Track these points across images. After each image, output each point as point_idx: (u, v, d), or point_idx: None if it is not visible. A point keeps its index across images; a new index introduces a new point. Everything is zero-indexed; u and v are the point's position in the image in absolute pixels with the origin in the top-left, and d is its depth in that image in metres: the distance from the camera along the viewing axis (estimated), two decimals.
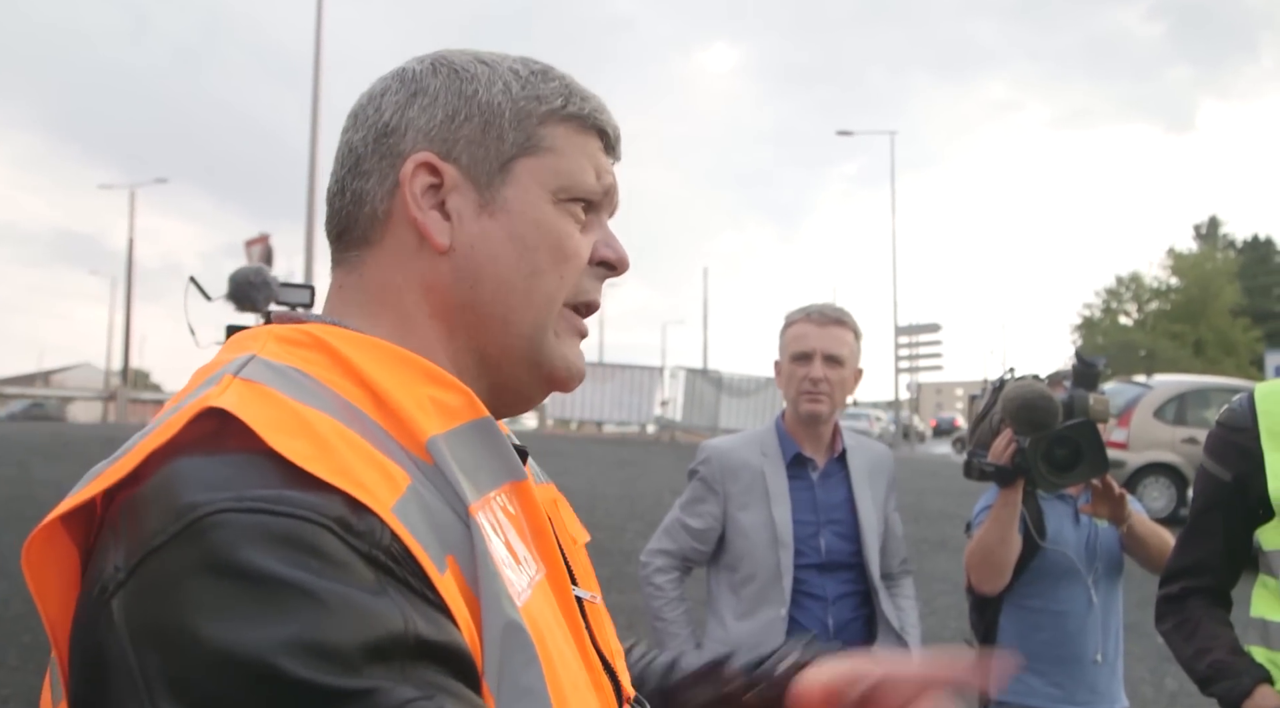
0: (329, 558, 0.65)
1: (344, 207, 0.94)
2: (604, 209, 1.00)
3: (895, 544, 3.05)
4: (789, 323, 3.02)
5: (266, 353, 0.81)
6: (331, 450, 0.70)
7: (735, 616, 2.87)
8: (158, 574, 0.64)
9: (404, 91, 0.94)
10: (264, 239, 19.09)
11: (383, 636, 0.64)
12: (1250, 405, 2.26)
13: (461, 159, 0.92)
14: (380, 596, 0.65)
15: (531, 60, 0.98)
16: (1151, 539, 2.85)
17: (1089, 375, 2.83)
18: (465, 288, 0.92)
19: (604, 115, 0.98)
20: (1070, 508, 2.98)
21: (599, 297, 1.00)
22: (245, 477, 0.67)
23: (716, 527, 2.94)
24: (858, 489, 2.95)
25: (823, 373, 2.89)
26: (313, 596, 0.63)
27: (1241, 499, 2.23)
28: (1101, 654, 2.89)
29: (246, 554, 0.63)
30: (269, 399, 0.74)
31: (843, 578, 2.87)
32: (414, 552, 0.69)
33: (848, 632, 2.83)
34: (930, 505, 13.11)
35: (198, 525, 0.64)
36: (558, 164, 0.94)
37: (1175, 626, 2.35)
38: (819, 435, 2.98)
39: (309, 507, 0.66)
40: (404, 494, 0.72)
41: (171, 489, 0.68)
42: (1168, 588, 2.40)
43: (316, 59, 19.18)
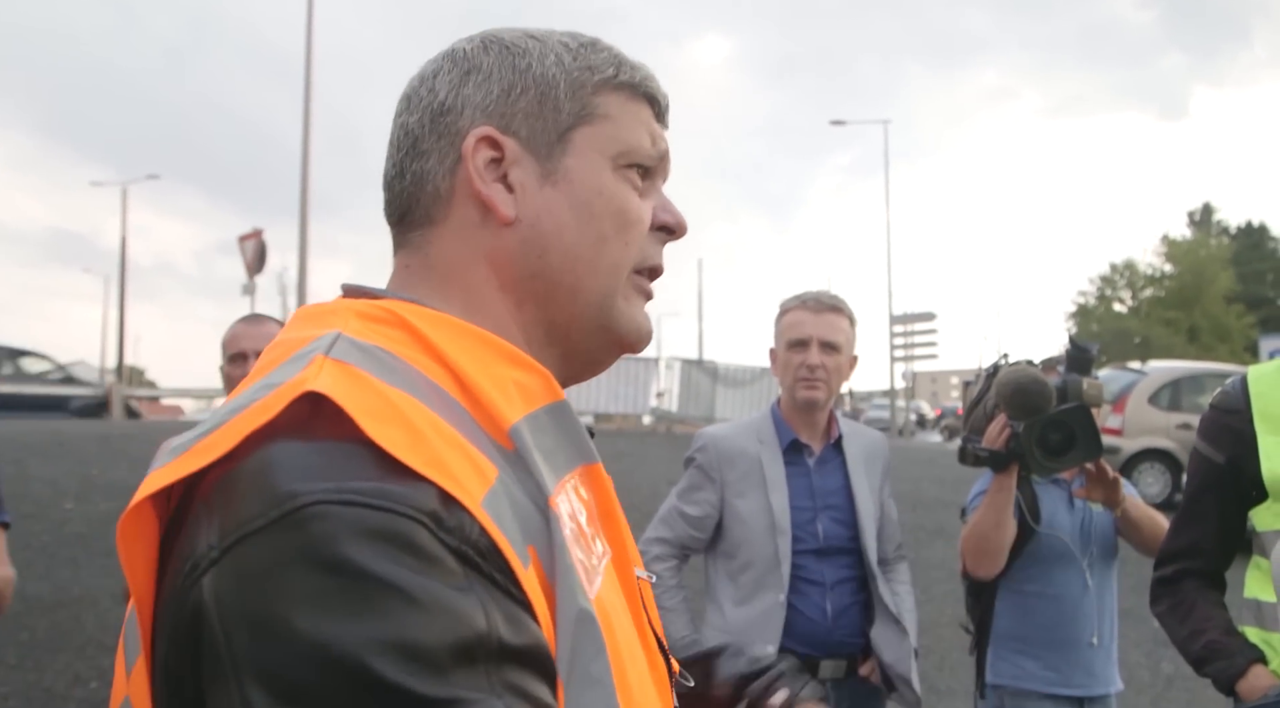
0: (423, 554, 0.65)
1: (404, 189, 0.95)
2: (659, 175, 1.01)
3: (891, 529, 3.06)
4: (784, 310, 3.03)
5: (351, 330, 0.81)
6: (424, 440, 0.70)
7: (734, 603, 2.87)
8: (253, 559, 0.65)
9: (457, 71, 0.94)
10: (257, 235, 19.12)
11: (469, 637, 0.64)
12: (1243, 388, 2.28)
13: (521, 132, 0.93)
14: (467, 594, 0.66)
15: (579, 33, 0.99)
16: (1146, 523, 2.86)
17: (1083, 360, 2.84)
18: (534, 258, 0.92)
19: (654, 83, 1.00)
20: (1065, 493, 2.99)
21: (662, 260, 1.01)
22: (344, 467, 0.68)
23: (714, 514, 2.95)
24: (854, 475, 2.97)
25: (819, 359, 2.90)
26: (408, 595, 0.63)
27: (1235, 481, 2.24)
28: (1097, 638, 2.90)
29: (345, 549, 0.63)
30: (362, 383, 0.74)
31: (840, 563, 2.89)
32: (500, 546, 0.69)
33: (846, 617, 2.85)
34: (926, 493, 13.13)
35: (297, 515, 0.65)
36: (615, 131, 0.95)
37: (1170, 608, 2.36)
38: (815, 422, 2.99)
39: (406, 501, 0.66)
40: (492, 486, 0.72)
41: (270, 474, 0.68)
42: (1162, 570, 2.41)
43: (308, 55, 19.13)
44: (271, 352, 0.84)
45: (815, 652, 2.81)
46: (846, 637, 2.84)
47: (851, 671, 2.85)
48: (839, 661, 2.83)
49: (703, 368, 25.85)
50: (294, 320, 0.90)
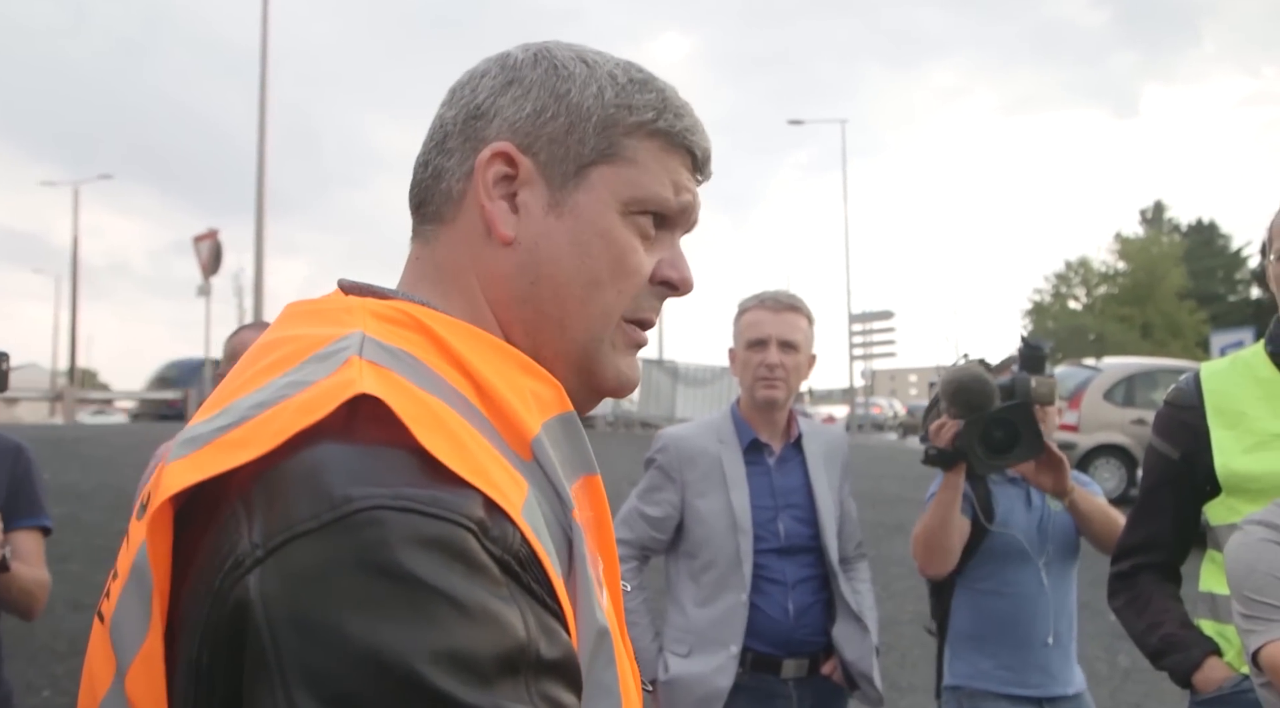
0: (473, 563, 0.66)
1: (424, 179, 0.96)
2: (678, 226, 0.99)
3: (851, 528, 3.07)
4: (743, 310, 3.03)
5: (371, 332, 0.80)
6: (467, 448, 0.71)
7: (696, 603, 2.87)
8: (304, 561, 0.64)
9: (501, 77, 0.94)
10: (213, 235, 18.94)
11: (512, 647, 0.65)
12: (1196, 385, 2.31)
13: (540, 155, 0.92)
14: (510, 604, 0.66)
15: (635, 67, 0.97)
16: (1097, 515, 2.84)
17: (1035, 358, 2.85)
18: (525, 284, 0.91)
19: (695, 136, 0.98)
20: (1023, 491, 2.98)
21: (655, 315, 0.99)
22: (396, 472, 0.68)
23: (675, 515, 2.95)
24: (814, 474, 2.97)
25: (778, 359, 2.90)
26: (458, 603, 0.64)
27: (1190, 476, 2.27)
28: (1054, 637, 2.88)
29: (401, 555, 0.63)
30: (401, 388, 0.73)
31: (802, 562, 2.89)
32: (540, 556, 0.70)
33: (808, 616, 2.85)
34: (887, 490, 13.22)
35: (354, 519, 0.64)
36: (635, 176, 0.93)
37: (1127, 602, 2.38)
38: (775, 421, 3.00)
39: (457, 508, 0.67)
40: (527, 498, 0.73)
41: (321, 475, 0.67)
42: (1119, 565, 2.44)
43: (263, 52, 18.95)
44: (277, 348, 0.81)
45: (777, 651, 2.82)
46: (809, 636, 2.85)
47: (814, 669, 2.85)
48: (801, 659, 2.84)
49: (663, 367, 25.87)
50: (290, 317, 0.89)
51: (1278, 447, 2.13)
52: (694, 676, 2.79)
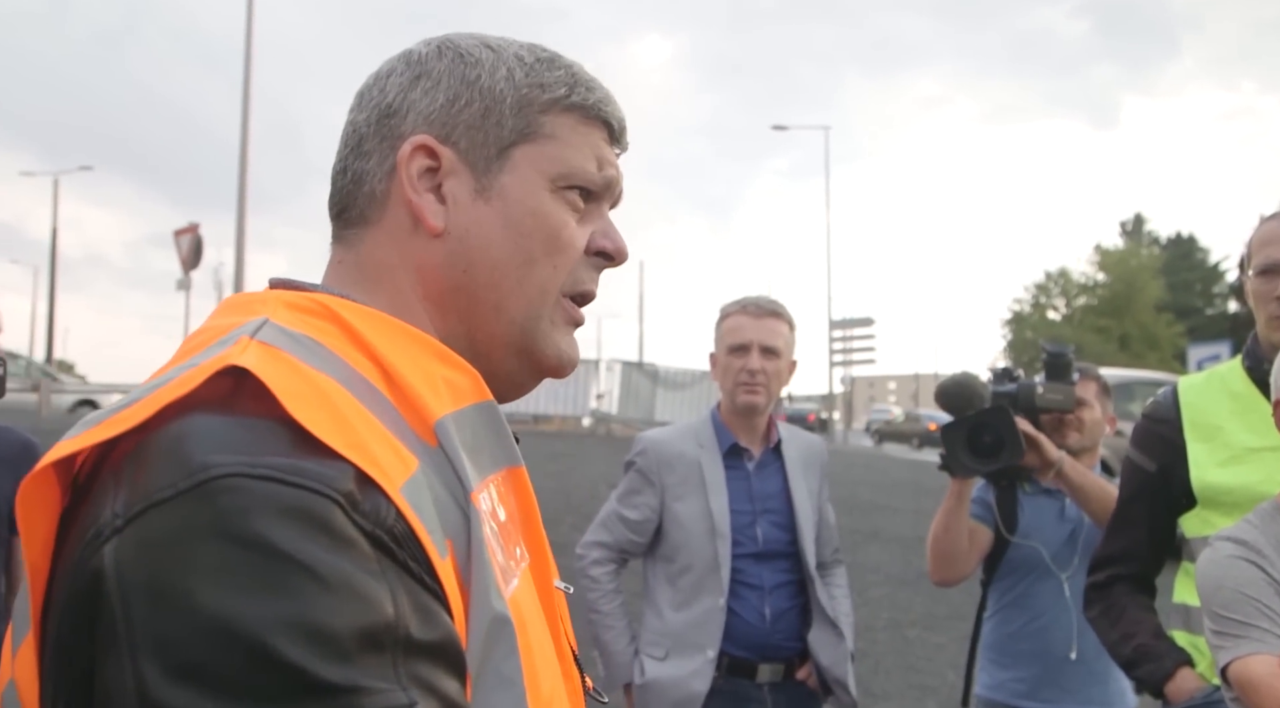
0: (336, 535, 0.64)
1: (345, 185, 0.95)
2: (605, 199, 1.00)
3: (828, 533, 3.07)
4: (725, 315, 3.03)
5: (280, 319, 0.80)
6: (346, 422, 0.70)
7: (672, 606, 2.87)
8: (160, 529, 0.63)
9: (408, 73, 0.94)
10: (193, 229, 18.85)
11: (377, 623, 0.63)
12: (1174, 398, 2.33)
13: (460, 143, 0.92)
14: (378, 579, 0.65)
15: (539, 47, 0.98)
16: (1092, 489, 2.78)
17: (1057, 365, 2.87)
18: (458, 272, 0.91)
19: (609, 107, 0.98)
20: (1058, 504, 2.96)
21: (595, 287, 0.99)
22: (262, 442, 0.67)
23: (653, 518, 2.95)
24: (793, 479, 2.97)
25: (759, 364, 2.90)
26: (317, 575, 0.62)
27: (1166, 489, 2.29)
28: (1077, 653, 2.83)
29: (257, 523, 0.62)
30: (287, 365, 0.73)
31: (779, 567, 2.89)
32: (418, 534, 0.68)
33: (784, 621, 2.85)
34: (862, 497, 13.25)
35: (210, 486, 0.63)
36: (558, 152, 0.94)
37: (1102, 611, 2.40)
38: (754, 426, 3.00)
39: (322, 479, 0.65)
40: (413, 476, 0.72)
41: (185, 445, 0.66)
42: (1095, 576, 2.45)
43: (247, 44, 18.85)
44: (196, 338, 0.82)
45: (753, 656, 2.82)
46: (784, 641, 2.85)
47: (789, 674, 2.85)
48: (777, 664, 2.84)
49: (643, 370, 25.93)
50: (220, 309, 0.89)
51: (1251, 461, 2.15)
52: (670, 679, 2.79)
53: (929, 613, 8.41)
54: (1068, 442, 2.89)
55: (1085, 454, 3.00)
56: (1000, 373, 2.95)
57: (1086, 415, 2.95)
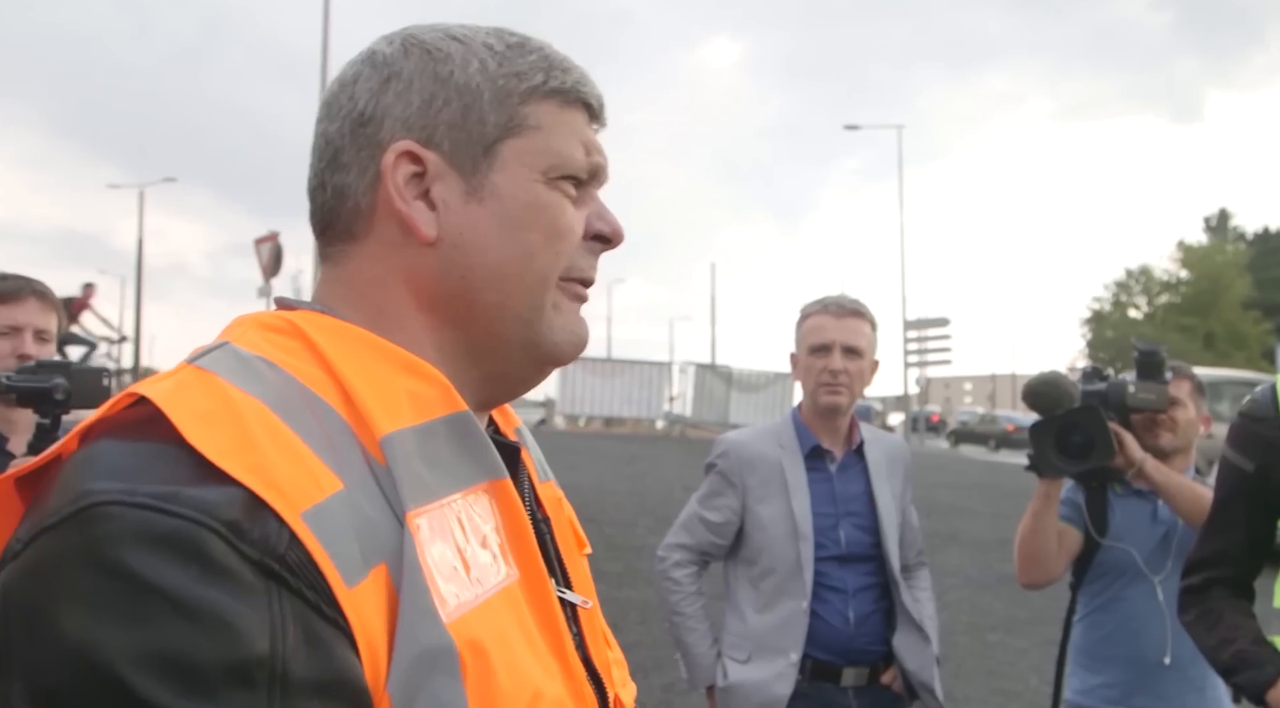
0: (210, 564, 0.62)
1: (325, 202, 0.91)
2: (594, 182, 0.96)
3: (912, 536, 3.04)
4: (805, 315, 3.01)
5: (242, 340, 0.79)
6: (251, 446, 0.68)
7: (755, 609, 2.86)
8: (42, 554, 0.64)
9: (376, 77, 0.89)
10: (273, 237, 19.13)
11: (245, 657, 0.61)
12: (1272, 396, 2.26)
13: (443, 145, 0.88)
14: (256, 610, 0.63)
15: (506, 32, 0.94)
16: (1177, 489, 2.72)
17: (1148, 364, 2.81)
18: (454, 279, 0.88)
19: (587, 87, 0.94)
20: (1151, 506, 2.89)
21: (594, 272, 0.96)
22: (151, 468, 0.66)
23: (735, 520, 2.94)
24: (876, 481, 2.95)
25: (841, 364, 2.88)
26: (181, 605, 0.61)
27: (1263, 489, 2.23)
28: (1171, 658, 2.76)
29: (122, 552, 0.62)
30: (209, 388, 0.72)
31: (862, 570, 2.87)
32: (317, 561, 0.66)
33: (868, 624, 2.83)
34: (940, 499, 13.12)
35: (86, 514, 0.63)
36: (545, 143, 0.90)
37: (1198, 616, 2.34)
38: (837, 427, 2.97)
39: (201, 507, 0.64)
40: (325, 499, 0.68)
41: (79, 471, 0.67)
42: (1190, 579, 2.39)
43: (324, 53, 19.14)
44: None
45: (837, 659, 2.80)
46: (869, 644, 2.82)
47: (874, 678, 2.83)
48: (861, 668, 2.81)
49: (716, 372, 25.88)
50: (221, 331, 0.89)
51: None
52: (753, 682, 2.78)
53: (1010, 617, 8.29)
54: (1160, 442, 2.83)
55: (1178, 456, 2.92)
56: (1090, 372, 2.90)
57: (1180, 415, 2.88)
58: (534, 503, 0.98)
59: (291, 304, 0.90)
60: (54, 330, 2.66)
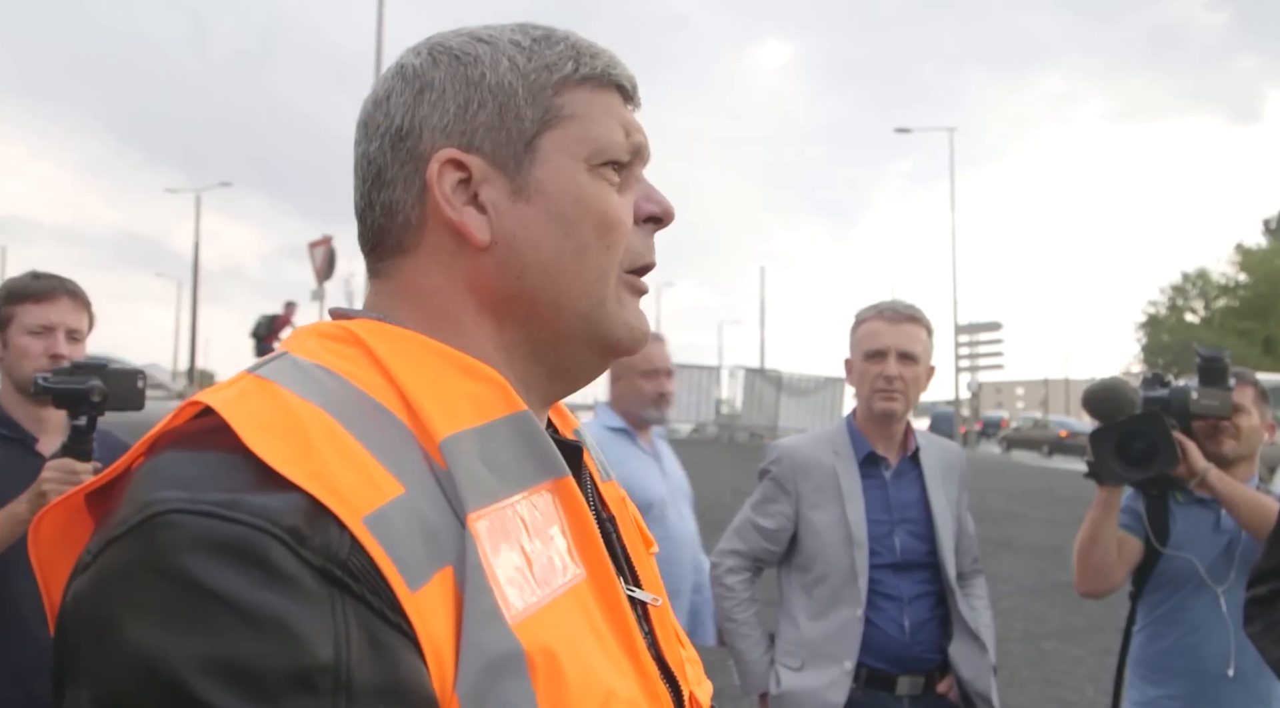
0: (274, 571, 0.63)
1: (374, 221, 0.91)
2: (637, 163, 0.95)
3: (967, 543, 3.01)
4: (860, 320, 2.99)
5: (302, 350, 0.80)
6: (313, 453, 0.68)
7: (809, 616, 2.84)
8: (109, 564, 0.64)
9: (409, 90, 0.89)
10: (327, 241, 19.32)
11: (309, 664, 0.61)
12: None
13: (484, 147, 0.88)
14: (320, 617, 0.63)
15: (531, 25, 0.93)
16: (1240, 499, 2.67)
17: (1211, 370, 2.77)
18: (511, 279, 0.88)
19: (617, 68, 0.94)
20: (1213, 515, 2.84)
21: (653, 255, 0.95)
22: (213, 476, 0.67)
23: (788, 527, 2.92)
24: (931, 488, 2.92)
25: (897, 370, 2.86)
26: (244, 612, 0.61)
27: None
28: (1234, 670, 2.70)
29: (186, 559, 0.62)
30: (270, 397, 0.73)
31: (918, 578, 2.84)
32: (380, 566, 0.66)
33: (923, 632, 2.80)
34: (993, 505, 12.98)
35: (151, 523, 0.64)
36: (584, 131, 0.90)
37: (1265, 628, 2.29)
38: (891, 434, 2.95)
39: (263, 513, 0.64)
40: (387, 503, 0.68)
41: (146, 481, 0.68)
42: (1255, 589, 2.34)
43: (378, 59, 19.31)
44: None
45: (892, 668, 2.77)
46: (924, 653, 2.80)
47: (929, 687, 2.80)
48: (916, 677, 2.78)
49: (766, 377, 25.79)
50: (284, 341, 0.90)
51: None
52: (806, 690, 2.76)
53: (1065, 625, 8.19)
54: (1223, 450, 2.78)
55: (1242, 463, 2.87)
56: (1151, 378, 2.85)
57: (1243, 422, 2.82)
58: (598, 502, 0.98)
59: (348, 314, 0.91)
60: (85, 330, 2.66)
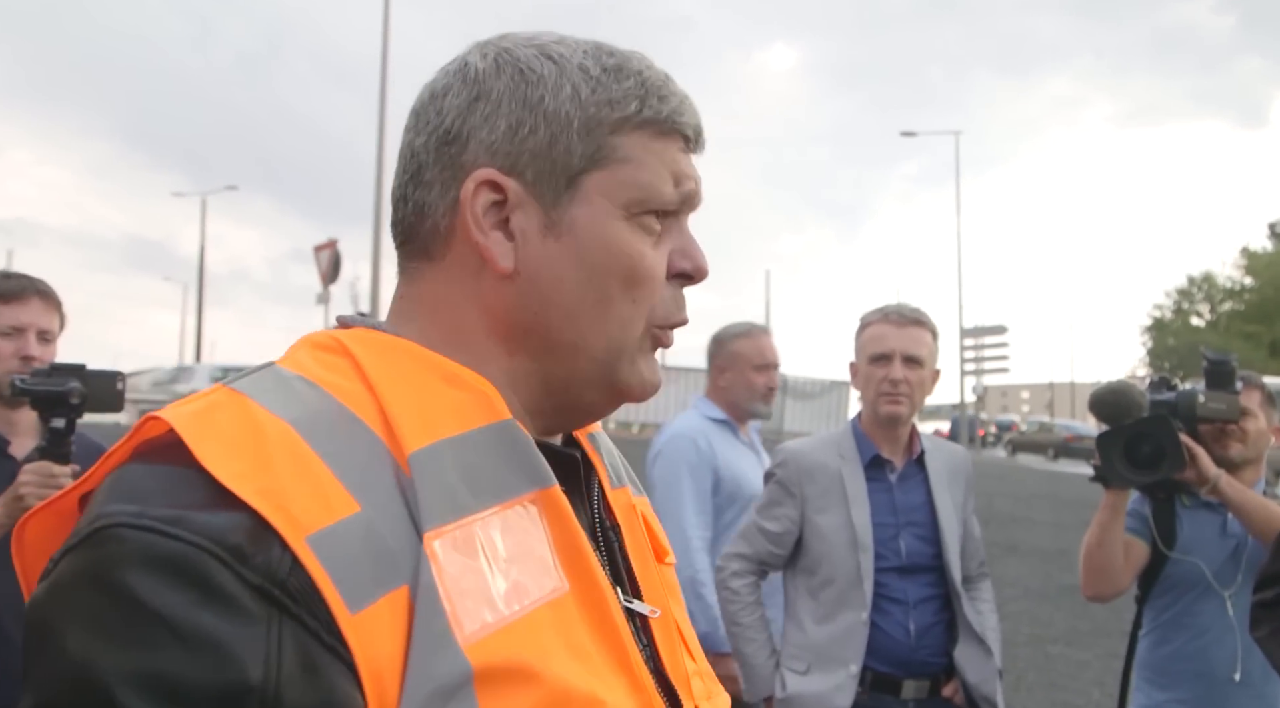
0: (212, 590, 0.63)
1: (406, 216, 0.90)
2: (683, 213, 0.92)
3: (973, 547, 3.01)
4: (865, 324, 2.99)
5: (290, 359, 0.81)
6: (267, 469, 0.68)
7: (814, 620, 2.84)
8: (62, 573, 0.66)
9: (466, 93, 0.87)
10: (332, 244, 19.41)
11: (236, 683, 0.62)
12: None
13: (526, 174, 0.85)
14: (254, 638, 0.63)
15: (605, 51, 0.89)
16: (1252, 506, 2.66)
17: (1218, 374, 2.76)
18: (529, 313, 0.86)
19: (684, 116, 0.90)
20: (1220, 518, 2.83)
21: (684, 313, 0.93)
22: (165, 491, 0.67)
23: (794, 530, 2.92)
24: (936, 491, 2.92)
25: (902, 374, 2.85)
26: (177, 629, 0.61)
27: None
28: (1241, 674, 2.69)
29: (127, 574, 0.63)
30: (237, 411, 0.72)
31: (923, 581, 2.84)
32: (319, 586, 0.65)
33: (929, 636, 2.80)
34: (999, 509, 12.96)
35: (99, 535, 0.65)
36: (632, 176, 0.87)
37: (1271, 632, 2.29)
38: (897, 437, 2.95)
39: (207, 532, 0.64)
40: (336, 522, 0.68)
41: (105, 492, 0.70)
42: (1263, 594, 2.34)
43: (383, 61, 19.37)
44: None
45: (898, 671, 2.77)
46: (930, 656, 2.79)
47: (934, 691, 2.79)
48: (922, 681, 2.78)
49: None
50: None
51: None
52: (812, 694, 2.75)
53: (1072, 629, 8.18)
54: (1230, 453, 2.77)
55: (1249, 467, 2.86)
56: (1158, 381, 2.85)
57: (1250, 426, 2.82)
58: (603, 510, 0.95)
59: (349, 322, 0.90)
60: (57, 331, 2.63)
